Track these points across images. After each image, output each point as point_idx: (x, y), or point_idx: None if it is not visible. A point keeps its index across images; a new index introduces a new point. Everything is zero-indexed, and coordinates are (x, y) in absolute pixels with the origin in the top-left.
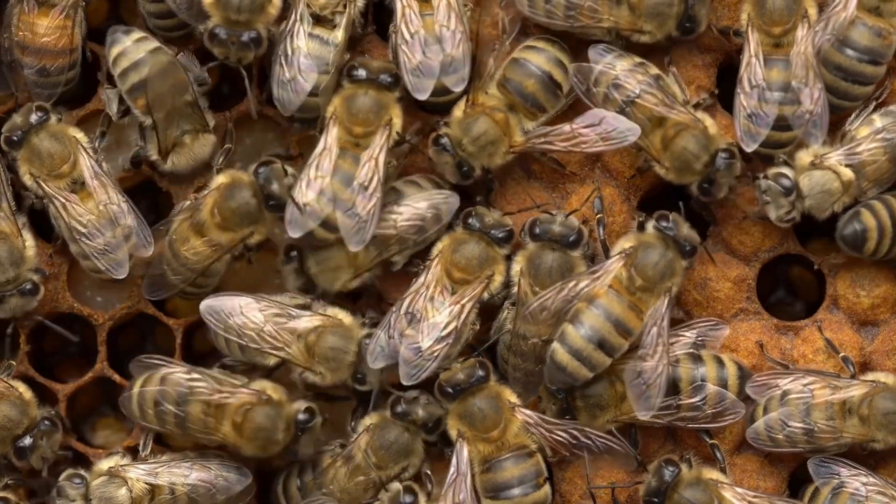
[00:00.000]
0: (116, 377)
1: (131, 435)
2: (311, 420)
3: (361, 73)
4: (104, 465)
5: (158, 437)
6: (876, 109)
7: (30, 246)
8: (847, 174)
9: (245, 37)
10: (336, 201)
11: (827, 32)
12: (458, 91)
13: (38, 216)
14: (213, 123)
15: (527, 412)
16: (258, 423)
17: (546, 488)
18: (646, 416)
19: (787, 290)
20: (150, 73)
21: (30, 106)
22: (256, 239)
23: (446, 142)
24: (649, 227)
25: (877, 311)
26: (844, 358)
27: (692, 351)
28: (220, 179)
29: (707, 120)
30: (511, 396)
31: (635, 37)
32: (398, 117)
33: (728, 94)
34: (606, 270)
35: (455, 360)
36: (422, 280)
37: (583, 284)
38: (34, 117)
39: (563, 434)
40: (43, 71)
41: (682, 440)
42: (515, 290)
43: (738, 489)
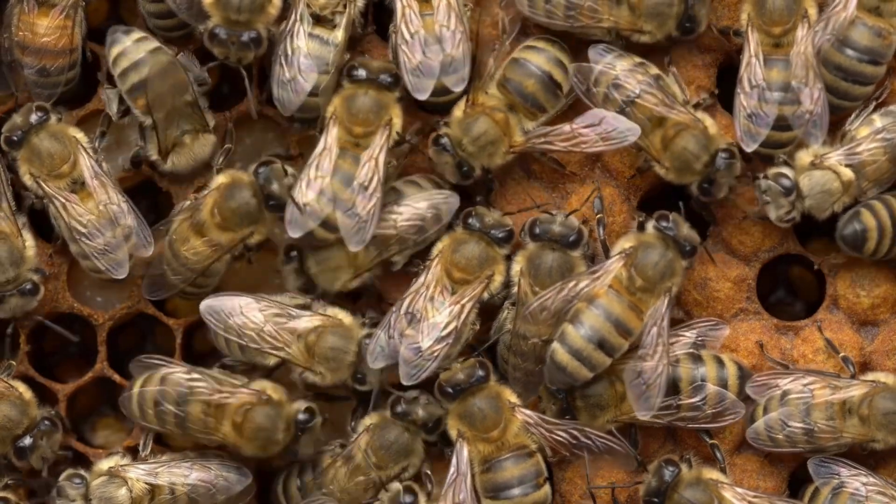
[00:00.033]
0: (116, 377)
1: (131, 435)
2: (311, 420)
3: (361, 73)
4: (104, 465)
5: (158, 437)
6: (876, 109)
7: (30, 246)
8: (847, 174)
9: (245, 37)
10: (336, 201)
11: (827, 32)
12: (458, 91)
13: (38, 216)
14: (213, 123)
15: (527, 412)
16: (258, 423)
17: (546, 488)
18: (646, 416)
19: (787, 290)
20: (150, 73)
21: (30, 106)
22: (256, 239)
23: (446, 142)
24: (649, 227)
25: (877, 311)
26: (844, 358)
27: (692, 351)
28: (220, 179)
29: (707, 120)
30: (511, 396)
31: (635, 37)
32: (398, 117)
33: (728, 94)
34: (606, 270)
35: (455, 360)
36: (422, 280)
37: (583, 284)
38: (34, 117)
39: (564, 434)
40: (43, 71)
41: (682, 440)
42: (515, 290)
43: (738, 489)
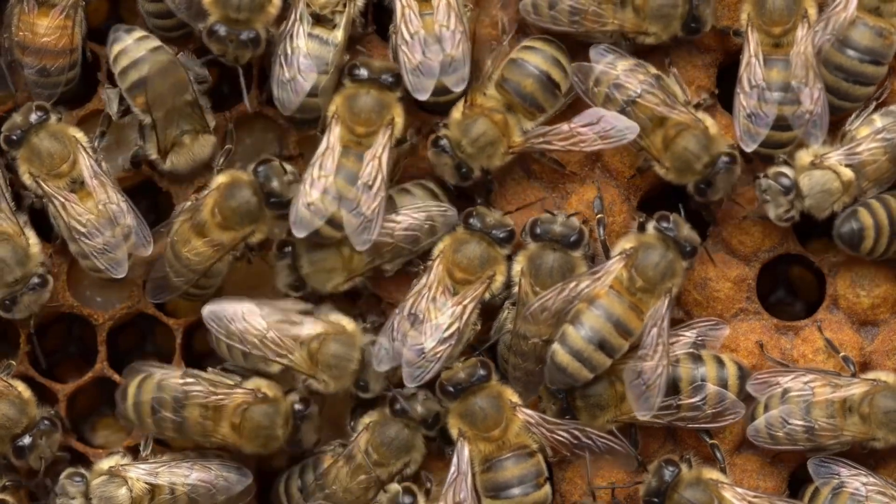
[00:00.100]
0: (116, 377)
1: (131, 435)
2: (308, 408)
3: (363, 72)
4: (104, 465)
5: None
6: (876, 109)
7: (34, 244)
8: (847, 174)
9: (244, 36)
10: (341, 200)
11: (827, 32)
12: (459, 91)
13: (37, 216)
14: (213, 124)
15: (528, 412)
16: (257, 421)
17: (546, 488)
18: (645, 416)
19: (787, 290)
20: (150, 71)
21: (30, 105)
22: (258, 238)
23: (445, 143)
24: (650, 227)
25: (877, 311)
26: (845, 357)
27: (692, 351)
28: (219, 179)
29: (708, 120)
30: (512, 396)
31: (640, 38)
32: (400, 117)
33: (728, 94)
34: (607, 271)
35: (456, 359)
36: (423, 281)
37: (583, 285)
38: (34, 117)
39: (565, 434)
40: (43, 71)
41: (682, 440)
42: (516, 290)
43: (738, 489)
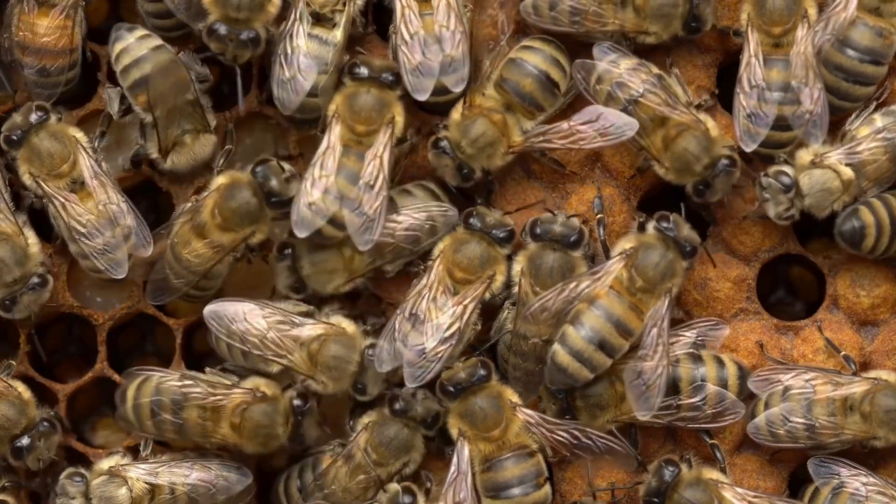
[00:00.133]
0: (116, 377)
1: (131, 435)
2: (307, 403)
3: (363, 71)
4: (104, 465)
5: None
6: (877, 109)
7: (33, 243)
8: (847, 173)
9: (244, 35)
10: (343, 199)
11: (827, 32)
12: (458, 91)
13: (37, 216)
14: (214, 123)
15: (528, 412)
16: (256, 420)
17: (546, 488)
18: (645, 416)
19: (787, 290)
20: (152, 70)
21: (29, 105)
22: (258, 238)
23: (445, 145)
24: (650, 227)
25: (877, 311)
26: (846, 356)
27: (692, 351)
28: (219, 180)
29: (709, 122)
30: (512, 396)
31: (641, 38)
32: (400, 115)
33: (728, 94)
34: (607, 271)
35: (457, 359)
36: (424, 281)
37: (584, 285)
38: (34, 117)
39: (565, 434)
40: (43, 71)
41: (682, 440)
42: (516, 290)
43: (738, 489)
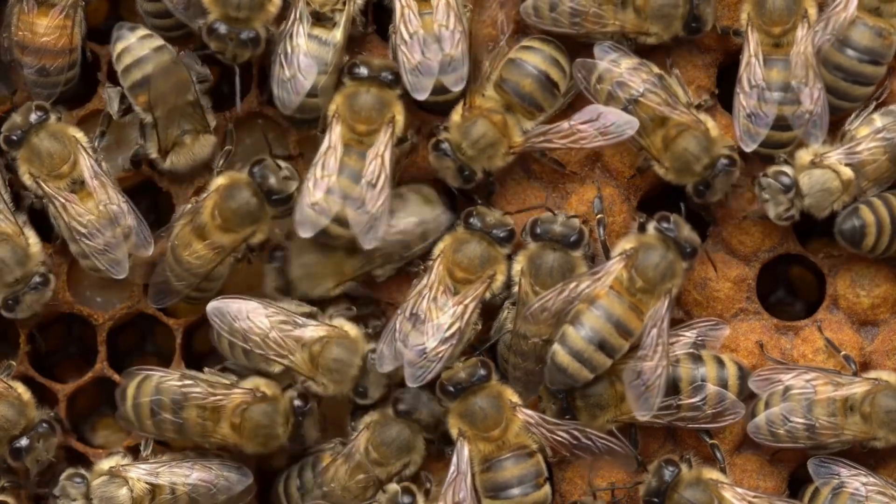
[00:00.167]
0: (116, 377)
1: (131, 435)
2: (307, 403)
3: (363, 70)
4: (105, 465)
5: None
6: (876, 109)
7: (34, 243)
8: (847, 173)
9: (244, 35)
10: (346, 198)
11: (827, 32)
12: (457, 90)
13: (37, 216)
14: (214, 124)
15: (528, 412)
16: (256, 420)
17: (546, 488)
18: (645, 416)
19: (787, 290)
20: (153, 71)
21: (29, 105)
22: (259, 238)
23: (446, 146)
24: (650, 228)
25: (877, 311)
26: (846, 356)
27: (692, 351)
28: (218, 181)
29: (709, 122)
30: (512, 396)
31: (641, 39)
32: (401, 115)
33: (728, 94)
34: (607, 271)
35: (457, 359)
36: (424, 281)
37: (584, 285)
38: (34, 117)
39: (564, 434)
40: (42, 71)
41: (682, 440)
42: (516, 289)
43: (738, 489)
